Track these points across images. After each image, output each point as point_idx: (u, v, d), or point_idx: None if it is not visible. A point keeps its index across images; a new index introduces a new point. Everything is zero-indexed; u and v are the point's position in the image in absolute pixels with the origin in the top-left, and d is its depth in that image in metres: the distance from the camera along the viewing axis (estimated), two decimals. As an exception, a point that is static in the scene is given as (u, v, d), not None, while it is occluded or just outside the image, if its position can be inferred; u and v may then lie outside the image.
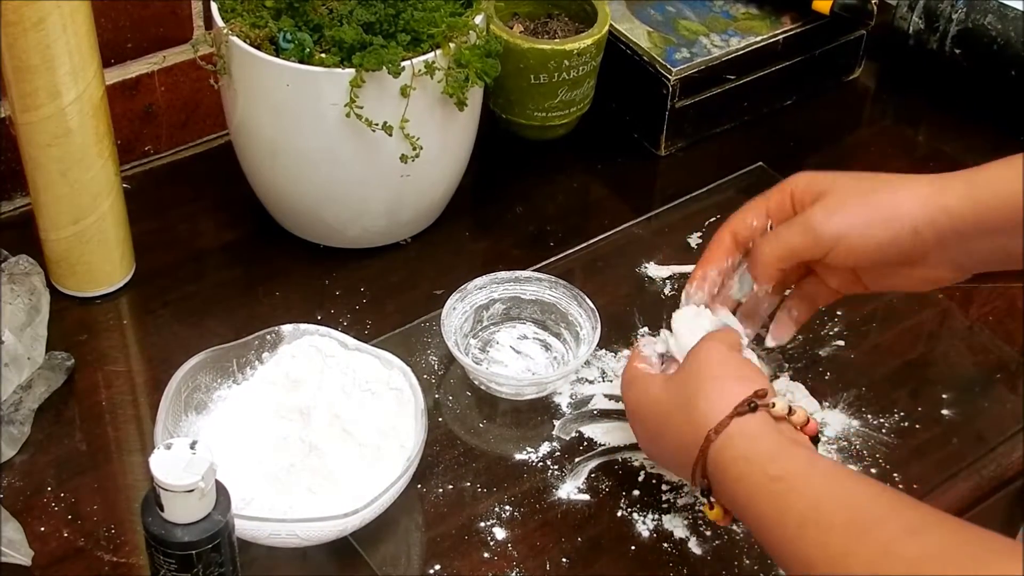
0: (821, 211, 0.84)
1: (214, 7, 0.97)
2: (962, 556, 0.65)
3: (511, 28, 1.12)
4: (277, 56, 0.94)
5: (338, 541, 0.84)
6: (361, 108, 0.93)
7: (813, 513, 0.71)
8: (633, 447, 0.91)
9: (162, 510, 0.70)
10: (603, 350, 0.98)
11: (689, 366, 0.82)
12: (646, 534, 0.87)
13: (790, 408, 0.79)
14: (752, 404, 0.77)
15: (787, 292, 0.91)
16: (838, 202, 0.85)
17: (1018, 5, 1.18)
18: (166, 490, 0.70)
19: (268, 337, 0.91)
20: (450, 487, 0.89)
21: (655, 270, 1.05)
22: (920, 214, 0.82)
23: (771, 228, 0.88)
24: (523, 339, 0.99)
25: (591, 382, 0.96)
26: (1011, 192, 0.80)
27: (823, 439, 0.92)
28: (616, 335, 0.99)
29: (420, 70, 0.93)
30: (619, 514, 0.88)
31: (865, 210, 0.84)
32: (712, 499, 0.79)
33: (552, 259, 1.05)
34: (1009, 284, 0.86)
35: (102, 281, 1.00)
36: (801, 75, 1.22)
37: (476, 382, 0.96)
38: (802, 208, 0.86)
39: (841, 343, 1.00)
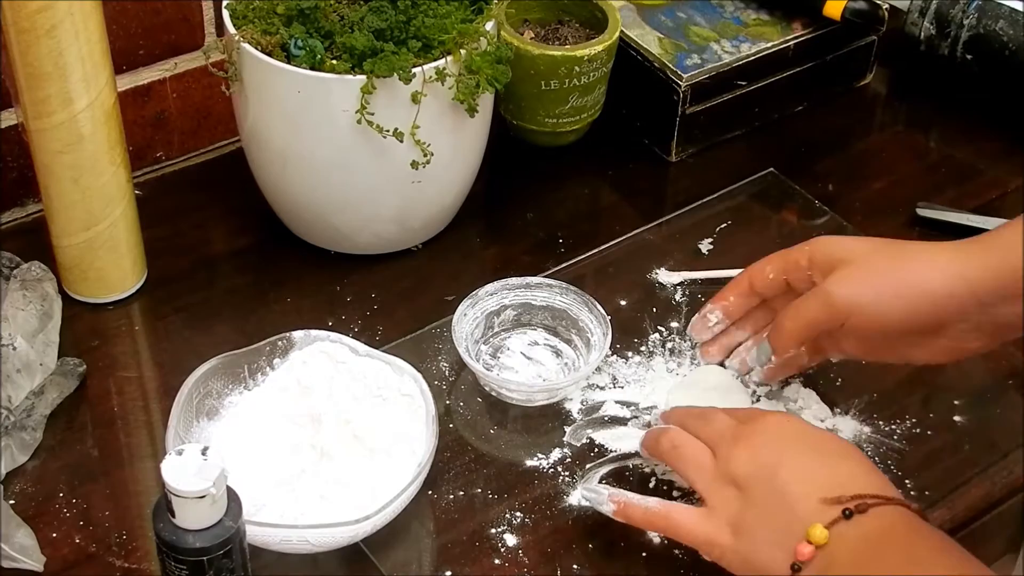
0: (838, 283, 0.85)
1: (226, 14, 0.97)
2: None
3: (522, 34, 1.12)
4: (288, 63, 0.94)
5: (349, 547, 0.84)
6: (372, 115, 0.93)
7: None
8: (644, 453, 0.92)
9: (173, 516, 0.71)
10: (614, 356, 0.98)
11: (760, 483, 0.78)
12: (657, 540, 0.86)
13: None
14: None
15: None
16: (856, 274, 0.85)
17: (1029, 11, 1.18)
18: (177, 496, 0.70)
19: (279, 343, 0.91)
20: (461, 493, 0.89)
21: (666, 276, 1.05)
22: (939, 285, 0.82)
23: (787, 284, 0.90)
24: (534, 345, 0.98)
25: (602, 388, 0.96)
26: None
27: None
28: (626, 341, 0.99)
29: (431, 76, 0.93)
30: (630, 520, 0.88)
31: (882, 282, 0.84)
32: None
33: (563, 265, 1.05)
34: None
35: (114, 287, 1.01)
36: (812, 81, 1.21)
37: (487, 388, 0.96)
38: (820, 274, 0.87)
39: (852, 349, 1.00)
